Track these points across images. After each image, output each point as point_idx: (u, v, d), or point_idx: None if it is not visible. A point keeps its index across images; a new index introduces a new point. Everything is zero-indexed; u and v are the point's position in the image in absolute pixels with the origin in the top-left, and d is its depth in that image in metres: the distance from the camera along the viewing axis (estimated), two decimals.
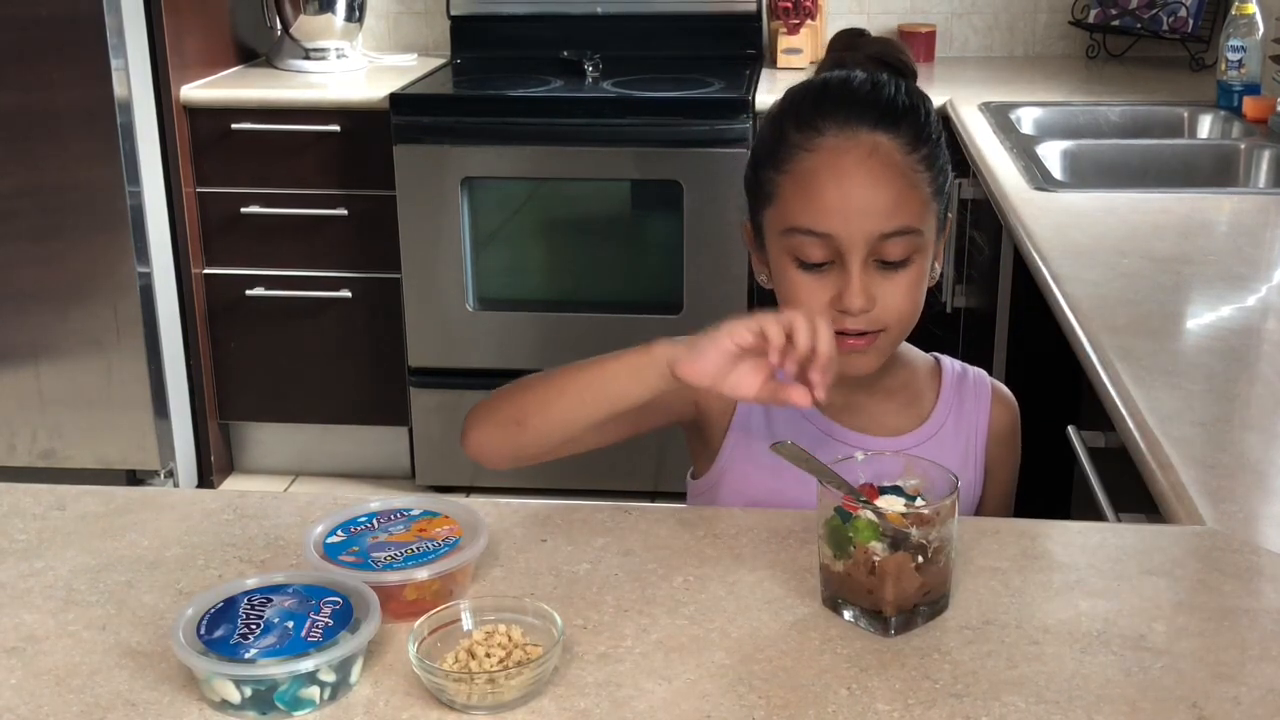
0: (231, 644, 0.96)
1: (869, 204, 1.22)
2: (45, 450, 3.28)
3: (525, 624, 1.01)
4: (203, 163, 3.28)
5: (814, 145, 1.24)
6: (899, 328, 1.28)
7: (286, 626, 0.97)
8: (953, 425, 1.39)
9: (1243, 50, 2.92)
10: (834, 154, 1.23)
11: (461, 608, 1.03)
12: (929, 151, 1.25)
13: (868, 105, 1.24)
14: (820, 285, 1.25)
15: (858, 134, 1.23)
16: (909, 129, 1.24)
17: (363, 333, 3.38)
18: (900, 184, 1.23)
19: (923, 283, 1.29)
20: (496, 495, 2.98)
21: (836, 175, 1.22)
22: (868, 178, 1.22)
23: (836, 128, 1.23)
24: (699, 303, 3.14)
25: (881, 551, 1.04)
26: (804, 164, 1.24)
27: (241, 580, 1.05)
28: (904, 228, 1.23)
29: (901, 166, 1.23)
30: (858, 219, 1.22)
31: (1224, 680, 0.98)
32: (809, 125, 1.25)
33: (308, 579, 1.04)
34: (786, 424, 1.35)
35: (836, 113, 1.24)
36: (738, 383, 1.15)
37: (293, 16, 3.47)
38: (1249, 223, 2.15)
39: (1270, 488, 1.27)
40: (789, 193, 1.25)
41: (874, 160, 1.22)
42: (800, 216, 1.24)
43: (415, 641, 0.97)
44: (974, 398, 1.41)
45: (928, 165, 1.25)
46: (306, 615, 0.99)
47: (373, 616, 0.98)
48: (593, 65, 3.38)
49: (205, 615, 0.99)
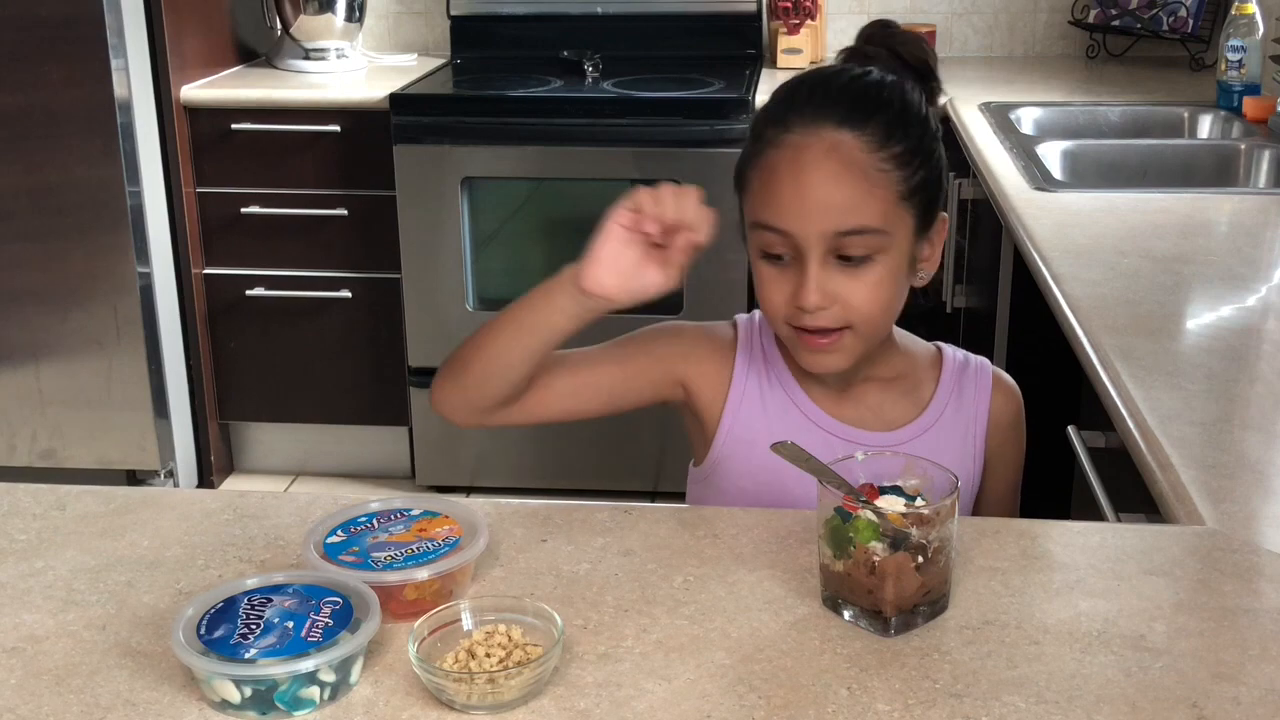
0: (231, 644, 0.96)
1: (825, 201, 1.22)
2: (45, 450, 3.28)
3: (525, 624, 1.01)
4: (203, 163, 3.28)
5: (780, 141, 1.25)
6: (865, 327, 1.27)
7: (286, 626, 0.97)
8: (952, 415, 1.39)
9: (1243, 50, 2.92)
10: (795, 150, 1.24)
11: (461, 608, 1.02)
12: (904, 149, 1.24)
13: (837, 102, 1.25)
14: (783, 279, 1.26)
15: (820, 131, 1.23)
16: (878, 126, 1.23)
17: (363, 333, 3.38)
18: (860, 183, 1.22)
19: (891, 282, 1.27)
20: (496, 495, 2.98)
21: (794, 172, 1.23)
22: (824, 175, 1.22)
23: (802, 124, 1.24)
24: (699, 302, 3.14)
25: (881, 551, 1.04)
26: (769, 159, 1.25)
27: (241, 580, 1.05)
28: (861, 227, 1.23)
29: (864, 165, 1.22)
30: (814, 216, 1.22)
31: (1224, 680, 0.98)
32: (778, 121, 1.26)
33: (308, 579, 1.04)
34: (779, 412, 1.35)
35: (804, 108, 1.25)
36: (644, 278, 1.19)
37: (293, 16, 3.47)
38: (1249, 223, 2.15)
39: (1270, 488, 1.27)
40: (756, 186, 1.27)
41: (832, 158, 1.22)
42: (762, 211, 1.26)
43: (415, 641, 0.97)
44: (974, 387, 1.40)
45: (899, 164, 1.24)
46: (306, 615, 0.99)
47: (373, 616, 0.98)
48: (593, 65, 3.38)
49: (205, 615, 0.99)
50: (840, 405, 1.36)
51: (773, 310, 1.28)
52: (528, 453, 3.36)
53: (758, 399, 1.36)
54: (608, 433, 3.28)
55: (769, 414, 1.36)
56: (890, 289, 1.27)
